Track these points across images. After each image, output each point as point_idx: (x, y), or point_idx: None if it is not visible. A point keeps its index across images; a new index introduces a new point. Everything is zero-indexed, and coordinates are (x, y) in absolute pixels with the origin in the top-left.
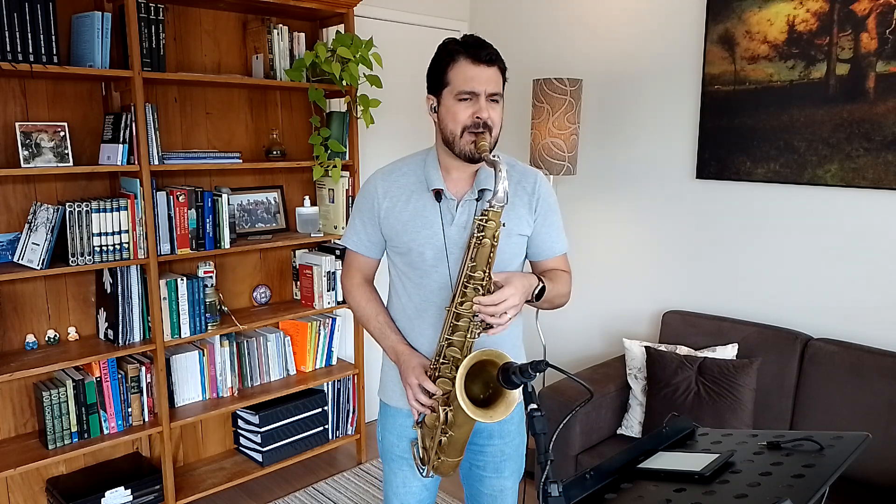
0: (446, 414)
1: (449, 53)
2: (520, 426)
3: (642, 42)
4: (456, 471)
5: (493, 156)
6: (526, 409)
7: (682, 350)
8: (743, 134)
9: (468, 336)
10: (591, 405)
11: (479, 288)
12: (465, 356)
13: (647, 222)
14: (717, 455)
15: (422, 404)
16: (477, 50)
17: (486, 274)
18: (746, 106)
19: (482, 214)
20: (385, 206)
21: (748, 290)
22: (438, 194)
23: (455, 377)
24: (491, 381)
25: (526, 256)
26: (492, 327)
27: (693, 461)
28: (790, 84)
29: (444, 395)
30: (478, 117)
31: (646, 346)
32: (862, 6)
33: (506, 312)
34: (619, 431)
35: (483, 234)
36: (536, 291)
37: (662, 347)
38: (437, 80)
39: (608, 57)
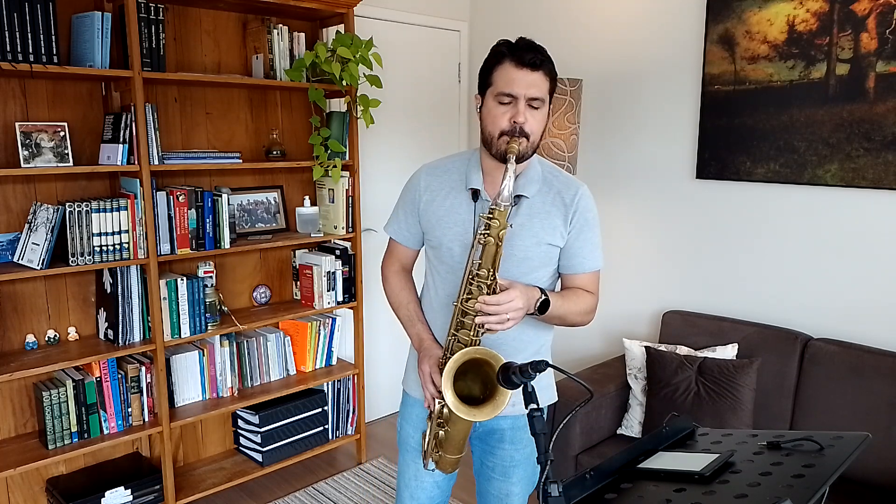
0: (442, 407)
1: (495, 55)
2: None
3: (642, 42)
4: (455, 469)
5: (524, 155)
6: (526, 408)
7: (682, 350)
8: (743, 134)
9: (472, 335)
10: (591, 405)
11: (483, 286)
12: None
13: (646, 222)
14: (717, 455)
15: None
16: (522, 53)
17: (491, 273)
18: (746, 106)
19: (488, 213)
20: (425, 199)
21: (748, 290)
22: (475, 194)
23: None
24: (489, 382)
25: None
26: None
27: (693, 461)
28: (790, 84)
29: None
30: (514, 121)
31: (646, 346)
32: (862, 6)
33: (506, 313)
34: (619, 431)
35: (487, 232)
36: (538, 304)
37: (662, 347)
38: (483, 80)
39: (608, 57)
